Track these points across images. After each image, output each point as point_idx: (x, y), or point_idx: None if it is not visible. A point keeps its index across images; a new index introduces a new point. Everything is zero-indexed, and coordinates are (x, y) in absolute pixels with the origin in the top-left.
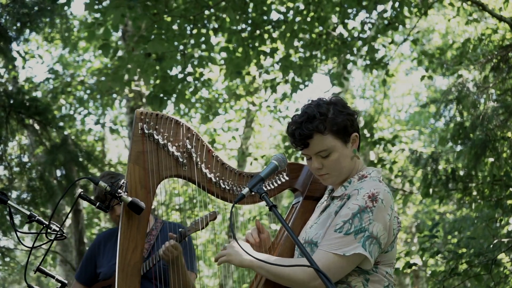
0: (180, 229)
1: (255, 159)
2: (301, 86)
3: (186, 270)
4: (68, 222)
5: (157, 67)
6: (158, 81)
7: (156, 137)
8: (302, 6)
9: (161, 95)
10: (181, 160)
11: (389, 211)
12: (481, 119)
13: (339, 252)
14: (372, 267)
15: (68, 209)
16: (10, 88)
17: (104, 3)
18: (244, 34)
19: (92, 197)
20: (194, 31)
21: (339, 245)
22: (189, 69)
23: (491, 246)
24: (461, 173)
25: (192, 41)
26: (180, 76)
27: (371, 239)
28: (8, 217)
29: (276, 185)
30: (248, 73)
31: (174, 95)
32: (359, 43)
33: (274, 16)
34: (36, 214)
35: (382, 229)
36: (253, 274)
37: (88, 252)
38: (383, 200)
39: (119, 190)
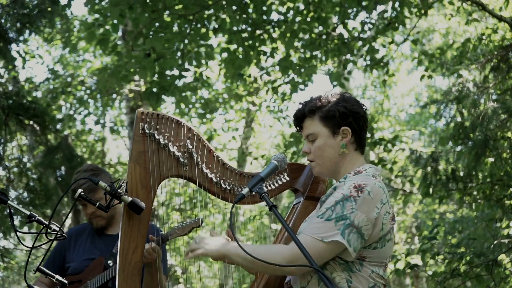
0: (161, 232)
1: (255, 158)
2: (301, 86)
3: (162, 274)
4: (68, 222)
5: (156, 67)
6: (155, 77)
7: (157, 137)
8: (302, 6)
9: (158, 91)
10: (182, 160)
11: (378, 205)
12: (481, 119)
13: (318, 237)
14: (354, 260)
15: (68, 209)
16: (10, 88)
17: (104, 3)
18: (244, 35)
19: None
20: (194, 31)
21: (319, 231)
22: (188, 67)
23: (491, 246)
24: (461, 173)
25: (191, 41)
26: (177, 72)
27: (351, 227)
28: (8, 217)
29: (277, 185)
30: (249, 76)
31: (172, 93)
32: (359, 43)
33: (274, 16)
34: (36, 214)
35: (365, 220)
36: (253, 276)
37: (57, 246)
38: (370, 193)
39: (119, 190)
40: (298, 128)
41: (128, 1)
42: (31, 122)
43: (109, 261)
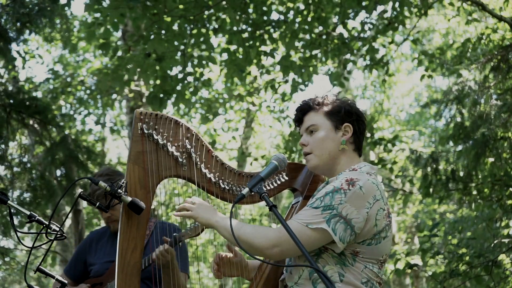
0: (174, 234)
1: (255, 159)
2: (301, 87)
3: (179, 273)
4: (68, 222)
5: (157, 67)
6: (158, 81)
7: (155, 137)
8: (302, 6)
9: (161, 95)
10: (180, 160)
11: (370, 200)
12: (484, 118)
13: (303, 223)
14: (347, 253)
15: (68, 209)
16: (10, 88)
17: (104, 3)
18: (244, 35)
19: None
20: (194, 31)
21: (306, 217)
22: (189, 69)
23: (491, 246)
24: (461, 173)
25: (192, 41)
26: (180, 76)
27: (338, 217)
28: (8, 217)
29: (276, 185)
30: (249, 73)
31: (174, 95)
32: (359, 43)
33: (274, 16)
34: (36, 214)
35: (355, 213)
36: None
37: (79, 249)
38: (362, 187)
39: (119, 190)
40: (297, 122)
41: (128, 4)
42: (32, 121)
43: None
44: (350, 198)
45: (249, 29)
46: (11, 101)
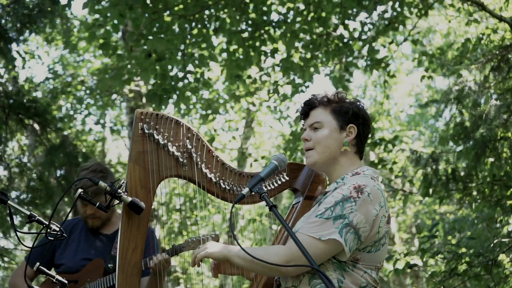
0: (173, 244)
1: (255, 160)
2: (302, 88)
3: (166, 284)
4: None
5: (157, 67)
6: (157, 79)
7: (156, 137)
8: (302, 7)
9: (161, 93)
10: (181, 160)
11: (377, 207)
12: (484, 117)
13: (316, 235)
14: (348, 260)
15: (68, 209)
16: (10, 88)
17: (103, 3)
18: (244, 35)
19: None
20: (194, 31)
21: (317, 229)
22: (189, 68)
23: (491, 246)
24: (461, 173)
25: (192, 41)
26: (180, 74)
27: (349, 227)
28: (8, 217)
29: (276, 185)
30: (249, 76)
31: (174, 95)
32: (360, 43)
33: (274, 16)
34: (36, 214)
35: (363, 221)
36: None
37: (44, 240)
38: (369, 194)
39: (119, 190)
40: (303, 115)
41: (127, 1)
42: (32, 122)
43: (109, 264)
44: (360, 206)
45: (249, 29)
46: (11, 101)
